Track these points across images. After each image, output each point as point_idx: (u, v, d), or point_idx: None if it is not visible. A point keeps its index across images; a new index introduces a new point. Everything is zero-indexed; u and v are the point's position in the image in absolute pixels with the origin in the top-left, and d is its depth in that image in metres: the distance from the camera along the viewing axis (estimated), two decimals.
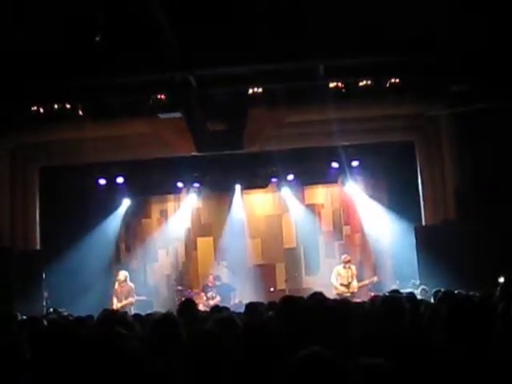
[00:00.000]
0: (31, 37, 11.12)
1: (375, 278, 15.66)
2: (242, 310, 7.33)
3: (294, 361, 3.29)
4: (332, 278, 15.42)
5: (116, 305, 14.54)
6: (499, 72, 12.79)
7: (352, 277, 15.34)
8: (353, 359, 3.52)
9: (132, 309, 14.35)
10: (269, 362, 4.14)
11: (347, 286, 15.17)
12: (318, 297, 5.56)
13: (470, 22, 11.27)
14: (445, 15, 11.13)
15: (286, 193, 17.86)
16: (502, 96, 13.20)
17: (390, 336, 4.20)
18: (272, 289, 16.96)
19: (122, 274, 15.05)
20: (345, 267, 15.37)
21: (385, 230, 17.27)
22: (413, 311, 5.66)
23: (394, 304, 5.50)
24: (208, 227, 18.31)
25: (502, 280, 11.71)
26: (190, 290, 16.60)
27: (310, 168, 17.23)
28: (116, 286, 14.94)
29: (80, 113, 14.14)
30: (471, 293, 8.63)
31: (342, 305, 5.29)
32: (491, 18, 11.23)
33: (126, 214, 17.97)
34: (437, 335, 4.30)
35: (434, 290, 10.31)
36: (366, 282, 15.73)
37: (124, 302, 14.60)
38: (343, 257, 15.78)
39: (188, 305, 6.75)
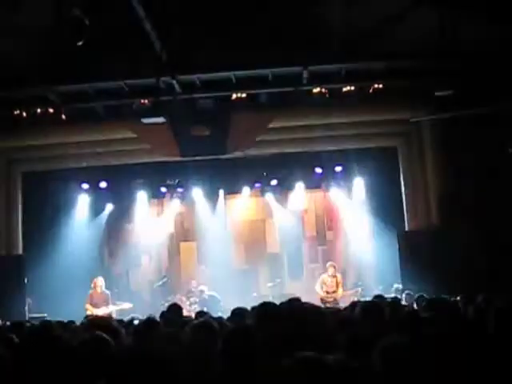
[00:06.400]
0: (15, 41, 11.10)
1: (359, 290, 15.66)
2: (226, 314, 7.33)
3: (289, 366, 3.32)
4: (316, 285, 15.42)
5: (101, 311, 14.37)
6: (482, 78, 12.89)
7: (337, 285, 15.32)
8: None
9: (114, 314, 14.30)
10: (252, 369, 4.15)
11: (332, 293, 15.17)
12: (296, 302, 5.58)
13: (454, 28, 11.35)
14: (428, 22, 11.20)
15: (270, 198, 17.87)
16: (484, 102, 13.30)
17: (368, 340, 4.21)
18: (255, 294, 16.93)
19: (101, 280, 14.88)
20: (330, 275, 15.35)
21: (368, 235, 17.32)
22: (394, 316, 5.67)
23: (373, 309, 5.54)
24: (191, 232, 18.28)
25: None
26: (173, 295, 16.55)
27: (294, 173, 17.25)
28: (98, 290, 14.71)
29: (63, 117, 14.10)
30: (452, 298, 8.69)
31: (317, 310, 5.30)
32: (477, 25, 11.32)
33: (109, 218, 17.90)
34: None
35: (416, 296, 10.38)
36: (351, 291, 15.73)
37: (120, 307, 14.59)
38: (328, 264, 15.75)
39: (174, 309, 6.73)
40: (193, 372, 4.30)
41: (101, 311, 14.19)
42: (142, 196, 17.79)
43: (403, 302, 10.76)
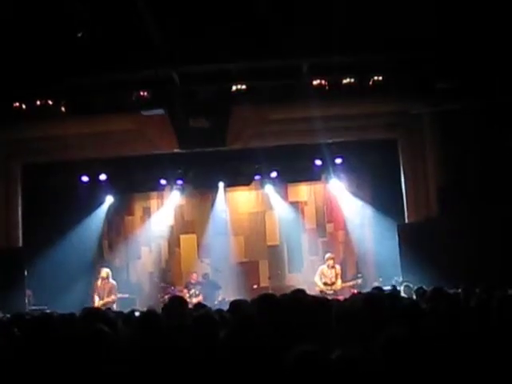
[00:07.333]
0: (14, 33, 11.07)
1: (359, 281, 15.67)
2: (226, 307, 7.31)
3: (290, 361, 3.33)
4: (316, 277, 15.42)
5: (98, 302, 14.51)
6: (482, 71, 12.87)
7: (336, 276, 15.32)
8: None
9: (114, 306, 14.30)
10: (255, 361, 4.15)
11: (331, 285, 15.18)
12: (299, 294, 5.57)
13: (454, 21, 11.34)
14: (429, 13, 11.18)
15: (270, 190, 17.84)
16: (485, 94, 13.29)
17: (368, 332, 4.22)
18: (255, 286, 16.93)
19: (105, 272, 15.02)
20: (329, 267, 15.36)
21: (368, 227, 17.33)
22: (394, 308, 5.67)
23: (373, 301, 5.54)
24: (191, 224, 18.26)
25: None
26: (173, 288, 16.55)
27: (294, 165, 17.21)
28: (98, 283, 14.91)
29: (62, 109, 14.08)
30: (452, 291, 8.70)
31: (321, 301, 5.29)
32: (476, 17, 11.30)
33: (109, 211, 17.86)
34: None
35: (415, 288, 10.38)
36: (350, 283, 15.73)
37: (106, 300, 14.58)
38: (326, 256, 15.76)
39: (177, 302, 6.66)
40: (194, 364, 4.29)
41: (102, 301, 14.41)
42: (142, 188, 17.78)
43: (402, 294, 10.75)
